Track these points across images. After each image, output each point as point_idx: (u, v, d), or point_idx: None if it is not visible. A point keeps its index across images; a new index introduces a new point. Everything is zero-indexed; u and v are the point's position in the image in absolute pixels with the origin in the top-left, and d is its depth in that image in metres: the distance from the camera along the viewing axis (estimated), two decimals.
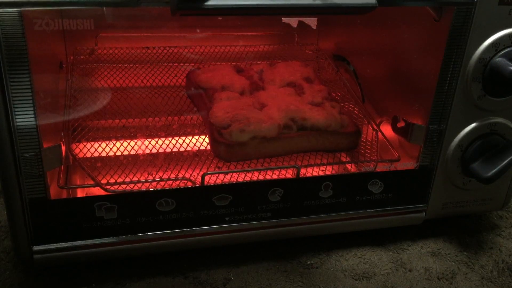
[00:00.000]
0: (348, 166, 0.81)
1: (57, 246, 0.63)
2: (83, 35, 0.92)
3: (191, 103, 0.85)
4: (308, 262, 0.73)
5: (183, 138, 0.77)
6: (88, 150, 0.74)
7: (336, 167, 0.81)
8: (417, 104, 0.72)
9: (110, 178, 0.68)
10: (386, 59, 0.82)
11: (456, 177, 0.74)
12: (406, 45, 0.76)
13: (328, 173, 0.78)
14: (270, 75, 0.87)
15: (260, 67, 0.90)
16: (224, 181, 0.72)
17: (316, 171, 0.77)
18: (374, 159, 0.76)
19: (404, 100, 0.76)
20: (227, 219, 0.68)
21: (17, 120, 0.56)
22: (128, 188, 0.67)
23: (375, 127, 0.81)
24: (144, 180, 0.68)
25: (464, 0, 0.63)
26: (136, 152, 0.76)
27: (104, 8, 0.76)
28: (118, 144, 0.75)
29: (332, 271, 0.72)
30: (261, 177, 0.73)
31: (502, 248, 0.78)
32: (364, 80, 0.90)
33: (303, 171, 0.74)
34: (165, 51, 0.95)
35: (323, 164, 0.76)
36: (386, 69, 0.82)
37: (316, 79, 0.89)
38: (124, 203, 0.64)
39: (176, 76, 0.90)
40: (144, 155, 0.76)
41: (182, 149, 0.75)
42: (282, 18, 1.01)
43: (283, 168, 0.75)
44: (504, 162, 0.69)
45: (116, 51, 0.93)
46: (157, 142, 0.77)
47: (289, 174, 0.74)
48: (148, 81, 0.87)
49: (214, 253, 0.73)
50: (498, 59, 0.66)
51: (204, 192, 0.67)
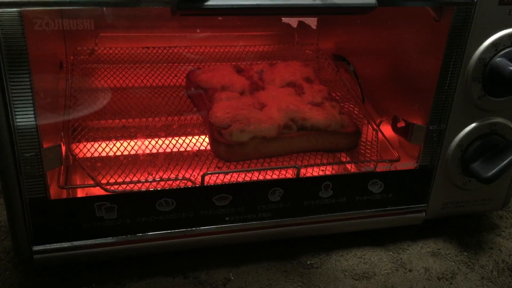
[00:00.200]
0: (348, 166, 0.81)
1: (57, 246, 0.63)
2: (83, 35, 0.92)
3: (191, 103, 0.85)
4: (308, 262, 0.73)
5: (183, 138, 0.77)
6: (88, 150, 0.74)
7: (336, 167, 0.81)
8: (417, 104, 0.72)
9: (110, 178, 0.68)
10: (386, 59, 0.82)
11: (456, 177, 0.74)
12: (406, 45, 0.76)
13: (328, 173, 0.78)
14: (270, 75, 0.87)
15: (260, 67, 0.90)
16: (224, 181, 0.72)
17: (316, 171, 0.77)
18: (374, 159, 0.76)
19: (404, 100, 0.76)
20: (227, 219, 0.68)
21: (17, 120, 0.56)
22: (128, 188, 0.67)
23: (375, 127, 0.81)
24: (144, 180, 0.68)
25: (464, 0, 0.63)
26: (136, 152, 0.76)
27: (104, 8, 0.76)
28: (118, 144, 0.75)
29: (332, 271, 0.72)
30: (261, 177, 0.73)
31: (502, 248, 0.78)
32: (364, 80, 0.90)
33: (303, 171, 0.74)
34: (165, 51, 0.95)
35: (323, 164, 0.76)
36: (386, 69, 0.82)
37: (316, 79, 0.89)
38: (124, 203, 0.64)
39: (176, 76, 0.90)
40: (144, 155, 0.76)
41: (182, 149, 0.75)
42: (282, 18, 1.01)
43: (283, 168, 0.75)
44: (504, 162, 0.69)
45: (116, 51, 0.93)
46: (157, 142, 0.76)
47: (289, 174, 0.74)
48: (148, 81, 0.87)
49: (214, 253, 0.73)
50: (498, 59, 0.66)
51: (204, 192, 0.67)
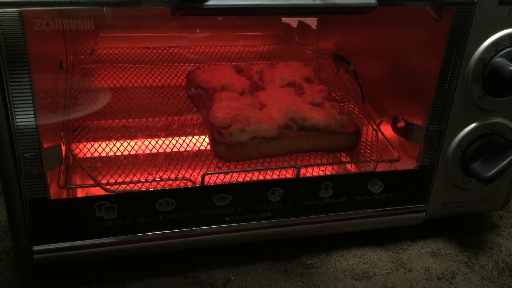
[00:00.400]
0: (348, 166, 0.81)
1: (57, 246, 0.63)
2: (83, 35, 0.92)
3: (191, 103, 0.85)
4: (308, 262, 0.73)
5: (183, 138, 0.77)
6: (88, 150, 0.74)
7: (336, 167, 0.81)
8: (417, 104, 0.72)
9: (110, 178, 0.68)
10: (386, 59, 0.82)
11: (456, 177, 0.74)
12: (406, 45, 0.76)
13: (328, 173, 0.78)
14: (270, 75, 0.87)
15: (260, 67, 0.90)
16: (224, 181, 0.72)
17: (316, 171, 0.77)
18: (374, 159, 0.76)
19: (404, 100, 0.76)
20: (227, 219, 0.68)
21: (17, 120, 0.56)
22: (128, 188, 0.67)
23: (375, 127, 0.81)
24: (144, 180, 0.68)
25: (464, 0, 0.63)
26: (136, 152, 0.76)
27: (104, 8, 0.77)
28: (118, 144, 0.75)
29: (332, 271, 0.72)
30: (261, 177, 0.73)
31: (502, 248, 0.78)
32: (364, 80, 0.90)
33: (303, 171, 0.74)
34: (165, 51, 0.95)
35: (323, 164, 0.76)
36: (386, 69, 0.82)
37: (316, 79, 0.89)
38: (124, 203, 0.64)
39: (176, 76, 0.90)
40: (144, 155, 0.76)
41: (182, 149, 0.75)
42: (282, 18, 1.01)
43: (283, 168, 0.75)
44: (504, 162, 0.69)
45: (116, 51, 0.93)
46: (157, 142, 0.76)
47: (289, 174, 0.74)
48: (148, 81, 0.87)
49: (214, 253, 0.73)
50: (498, 59, 0.66)
51: (204, 192, 0.67)
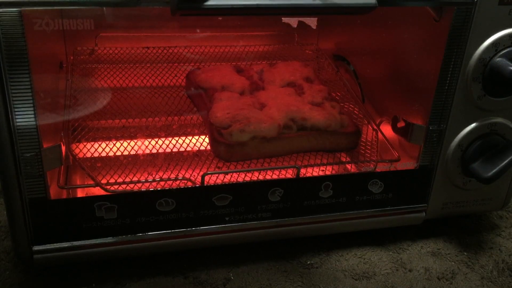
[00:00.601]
0: (348, 166, 0.81)
1: (57, 246, 0.63)
2: (83, 35, 0.92)
3: (191, 103, 0.85)
4: (308, 262, 0.73)
5: (183, 138, 0.77)
6: (88, 150, 0.74)
7: (336, 167, 0.81)
8: (417, 104, 0.72)
9: (110, 178, 0.68)
10: (386, 59, 0.82)
11: (456, 177, 0.74)
12: (406, 45, 0.76)
13: (328, 173, 0.78)
14: (270, 75, 0.87)
15: (260, 67, 0.90)
16: (224, 181, 0.72)
17: (316, 171, 0.77)
18: (374, 159, 0.76)
19: (404, 100, 0.76)
20: (227, 219, 0.68)
21: (17, 120, 0.56)
22: (128, 188, 0.67)
23: (375, 127, 0.81)
24: (144, 180, 0.68)
25: (464, 0, 0.63)
26: (136, 152, 0.76)
27: (104, 8, 0.77)
28: (118, 144, 0.75)
29: (332, 271, 0.72)
30: (261, 177, 0.73)
31: (502, 248, 0.78)
32: (364, 80, 0.90)
33: (303, 171, 0.74)
34: (165, 51, 0.95)
35: (323, 164, 0.76)
36: (386, 69, 0.82)
37: (316, 79, 0.89)
38: (124, 203, 0.64)
39: (176, 76, 0.90)
40: (144, 155, 0.76)
41: (182, 149, 0.75)
42: (282, 18, 1.01)
43: (283, 168, 0.75)
44: (504, 162, 0.69)
45: (116, 51, 0.93)
46: (157, 142, 0.76)
47: (289, 174, 0.74)
48: (148, 81, 0.87)
49: (214, 253, 0.73)
50: (498, 59, 0.66)
51: (204, 192, 0.67)
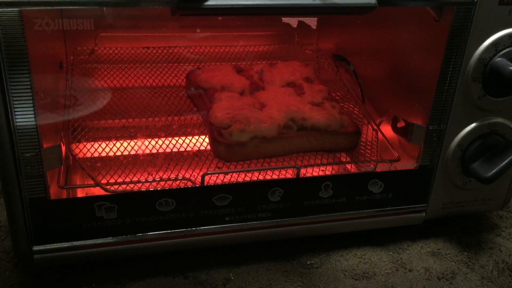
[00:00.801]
0: (348, 166, 0.81)
1: (57, 246, 0.63)
2: (83, 35, 0.92)
3: (191, 103, 0.85)
4: (308, 262, 0.73)
5: (183, 138, 0.77)
6: (88, 150, 0.74)
7: (336, 167, 0.81)
8: (417, 104, 0.72)
9: (110, 178, 0.68)
10: (386, 59, 0.82)
11: (456, 177, 0.74)
12: (406, 45, 0.76)
13: (328, 173, 0.78)
14: (270, 75, 0.87)
15: (260, 67, 0.90)
16: (224, 181, 0.72)
17: (316, 171, 0.77)
18: (374, 159, 0.76)
19: (404, 100, 0.76)
20: (227, 219, 0.68)
21: (17, 120, 0.56)
22: (128, 188, 0.67)
23: (375, 127, 0.81)
24: (144, 180, 0.68)
25: (464, 0, 0.63)
26: (136, 152, 0.76)
27: (104, 8, 0.77)
28: (118, 144, 0.75)
29: (332, 271, 0.72)
30: (261, 177, 0.73)
31: (502, 248, 0.78)
32: (364, 80, 0.90)
33: (303, 171, 0.74)
34: (165, 51, 0.95)
35: (323, 164, 0.76)
36: (386, 69, 0.82)
37: (316, 79, 0.89)
38: (124, 203, 0.64)
39: (176, 76, 0.90)
40: (144, 155, 0.76)
41: (182, 149, 0.75)
42: (282, 18, 1.01)
43: (283, 168, 0.75)
44: (504, 162, 0.69)
45: (116, 51, 0.93)
46: (157, 142, 0.76)
47: (289, 174, 0.74)
48: (148, 81, 0.87)
49: (214, 253, 0.73)
50: (498, 59, 0.66)
51: (204, 192, 0.67)
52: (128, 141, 0.77)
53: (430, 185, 0.74)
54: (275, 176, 0.74)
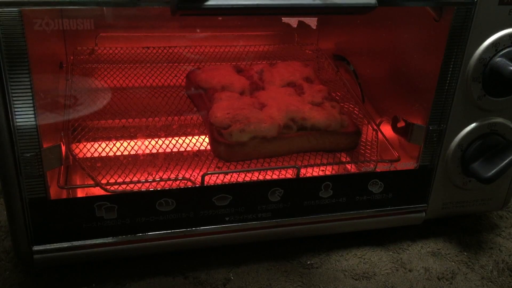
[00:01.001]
0: (348, 166, 0.81)
1: (57, 246, 0.63)
2: (83, 35, 0.92)
3: (191, 103, 0.85)
4: (308, 262, 0.73)
5: (183, 138, 0.77)
6: (88, 150, 0.74)
7: (336, 167, 0.81)
8: (417, 104, 0.72)
9: (110, 178, 0.68)
10: (386, 59, 0.82)
11: (456, 177, 0.74)
12: (406, 45, 0.76)
13: (328, 173, 0.78)
14: (270, 75, 0.87)
15: (260, 67, 0.90)
16: (224, 181, 0.72)
17: (316, 171, 0.77)
18: (374, 159, 0.76)
19: (404, 100, 0.76)
20: (227, 219, 0.68)
21: (17, 120, 0.56)
22: (128, 188, 0.67)
23: (375, 127, 0.81)
24: (144, 180, 0.68)
25: (464, 0, 0.63)
26: (136, 152, 0.76)
27: (104, 8, 0.76)
28: (118, 144, 0.75)
29: (332, 271, 0.72)
30: (261, 177, 0.73)
31: (502, 248, 0.78)
32: (364, 80, 0.90)
33: (303, 171, 0.74)
34: (165, 51, 0.95)
35: (323, 164, 0.76)
36: (386, 69, 0.82)
37: (316, 79, 0.89)
38: (124, 203, 0.64)
39: (176, 76, 0.90)
40: (144, 155, 0.76)
41: (182, 149, 0.75)
42: (282, 18, 1.01)
43: (283, 168, 0.75)
44: (504, 162, 0.69)
45: (116, 51, 0.93)
46: (157, 142, 0.76)
47: (289, 174, 0.74)
48: (148, 81, 0.87)
49: (214, 253, 0.73)
50: (498, 59, 0.66)
51: (204, 192, 0.67)
52: (128, 141, 0.77)
53: (430, 185, 0.74)
54: (275, 176, 0.74)
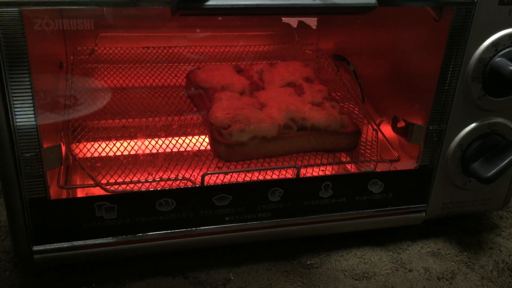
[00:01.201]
0: (348, 166, 0.81)
1: (57, 246, 0.63)
2: (83, 35, 0.92)
3: (191, 103, 0.85)
4: (308, 262, 0.73)
5: (183, 138, 0.77)
6: (88, 150, 0.74)
7: (336, 167, 0.81)
8: (417, 104, 0.72)
9: (110, 178, 0.68)
10: (386, 59, 0.82)
11: (456, 177, 0.74)
12: (406, 45, 0.76)
13: (328, 173, 0.78)
14: (270, 75, 0.87)
15: (260, 67, 0.90)
16: (224, 181, 0.72)
17: (316, 171, 0.77)
18: (374, 159, 0.76)
19: (404, 100, 0.76)
20: (227, 219, 0.68)
21: (17, 120, 0.56)
22: (128, 188, 0.67)
23: (375, 127, 0.81)
24: (144, 180, 0.68)
25: (464, 0, 0.63)
26: (136, 152, 0.76)
27: (104, 8, 0.77)
28: (118, 144, 0.75)
29: (332, 271, 0.72)
30: (261, 177, 0.73)
31: (502, 248, 0.78)
32: (364, 80, 0.90)
33: (303, 171, 0.74)
34: (165, 51, 0.95)
35: (323, 164, 0.76)
36: (386, 69, 0.82)
37: (316, 79, 0.89)
38: (124, 203, 0.64)
39: (176, 76, 0.90)
40: (144, 155, 0.76)
41: (182, 149, 0.75)
42: (282, 18, 1.01)
43: (283, 168, 0.75)
44: (504, 162, 0.69)
45: (116, 51, 0.93)
46: (157, 142, 0.77)
47: (289, 174, 0.74)
48: (148, 81, 0.87)
49: (214, 253, 0.73)
50: (498, 59, 0.66)
51: (204, 192, 0.67)
52: (128, 141, 0.77)
53: (430, 185, 0.74)
54: (275, 176, 0.74)
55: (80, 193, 0.75)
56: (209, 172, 0.70)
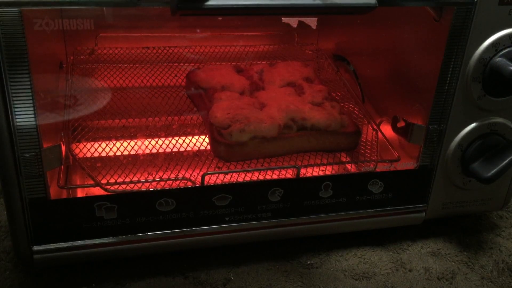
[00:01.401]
0: (348, 166, 0.81)
1: (57, 246, 0.63)
2: (83, 35, 0.92)
3: (191, 103, 0.85)
4: (308, 262, 0.73)
5: (183, 138, 0.77)
6: (88, 150, 0.74)
7: (336, 167, 0.81)
8: (417, 104, 0.72)
9: (110, 178, 0.68)
10: (386, 59, 0.82)
11: (456, 177, 0.74)
12: (406, 45, 0.76)
13: (328, 173, 0.78)
14: (270, 75, 0.87)
15: (260, 67, 0.90)
16: (224, 181, 0.72)
17: (316, 171, 0.77)
18: (374, 159, 0.76)
19: (404, 100, 0.76)
20: (227, 219, 0.68)
21: (17, 120, 0.56)
22: (128, 188, 0.67)
23: (375, 127, 0.81)
24: (144, 180, 0.68)
25: (464, 0, 0.63)
26: (136, 152, 0.76)
27: (104, 8, 0.76)
28: (118, 144, 0.76)
29: (332, 271, 0.72)
30: (261, 177, 0.73)
31: (502, 248, 0.78)
32: (364, 80, 0.90)
33: (303, 171, 0.74)
34: (165, 51, 0.95)
35: (323, 164, 0.76)
36: (386, 69, 0.82)
37: (316, 79, 0.89)
38: (124, 203, 0.64)
39: (176, 76, 0.90)
40: (144, 155, 0.76)
41: (182, 149, 0.75)
42: (282, 18, 1.01)
43: (283, 168, 0.75)
44: (504, 162, 0.69)
45: (116, 51, 0.93)
46: (157, 142, 0.77)
47: (289, 174, 0.74)
48: (148, 81, 0.87)
49: (214, 253, 0.73)
50: (498, 59, 0.66)
51: (204, 192, 0.67)
52: (128, 141, 0.77)
53: (430, 185, 0.74)
54: (275, 176, 0.74)
55: (80, 193, 0.75)
56: (209, 172, 0.70)
